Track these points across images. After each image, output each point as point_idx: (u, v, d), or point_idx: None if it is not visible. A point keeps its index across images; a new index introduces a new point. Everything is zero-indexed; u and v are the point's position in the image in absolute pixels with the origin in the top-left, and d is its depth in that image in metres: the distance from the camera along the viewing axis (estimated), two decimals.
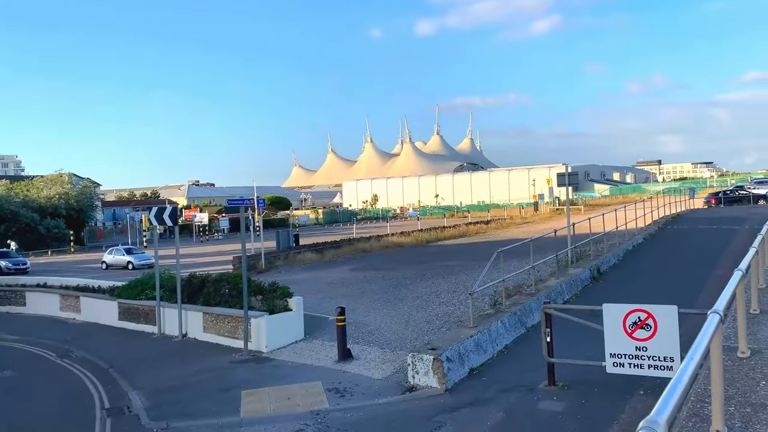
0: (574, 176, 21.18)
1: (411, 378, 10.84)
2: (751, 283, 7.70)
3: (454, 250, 33.36)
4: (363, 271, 26.18)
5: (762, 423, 3.71)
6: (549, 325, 9.82)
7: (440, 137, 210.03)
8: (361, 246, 36.06)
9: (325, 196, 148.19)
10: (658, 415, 2.00)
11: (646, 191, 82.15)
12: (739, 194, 52.79)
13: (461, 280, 20.55)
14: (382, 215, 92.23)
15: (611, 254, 21.26)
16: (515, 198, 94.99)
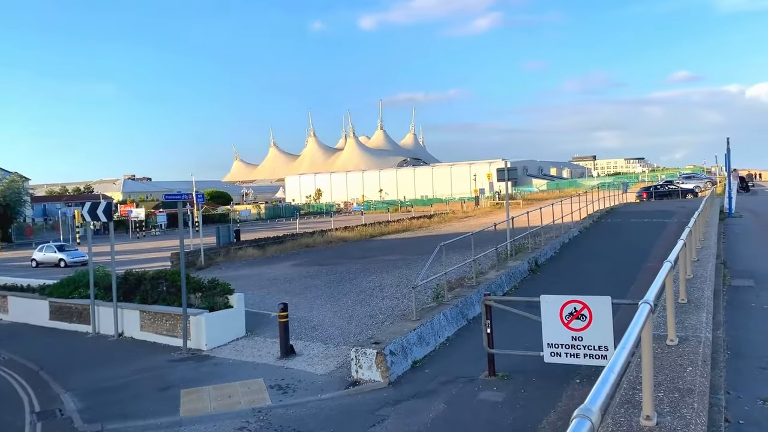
0: (513, 171, 21.62)
1: (354, 372, 10.85)
2: (679, 274, 8.05)
3: (397, 244, 33.53)
4: (306, 266, 25.99)
5: (688, 407, 3.88)
6: (489, 316, 10.00)
7: (384, 132, 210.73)
8: (305, 241, 35.79)
9: (267, 191, 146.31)
10: (591, 403, 2.06)
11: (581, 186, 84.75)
12: (669, 189, 55.15)
13: (405, 274, 20.68)
14: (325, 210, 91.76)
15: (548, 247, 21.83)
16: (457, 192, 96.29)
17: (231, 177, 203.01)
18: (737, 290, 12.40)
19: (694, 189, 54.08)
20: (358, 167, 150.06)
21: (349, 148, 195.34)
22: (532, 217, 24.22)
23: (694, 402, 3.96)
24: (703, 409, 4.00)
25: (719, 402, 5.33)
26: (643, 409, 3.66)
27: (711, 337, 6.48)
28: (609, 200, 44.57)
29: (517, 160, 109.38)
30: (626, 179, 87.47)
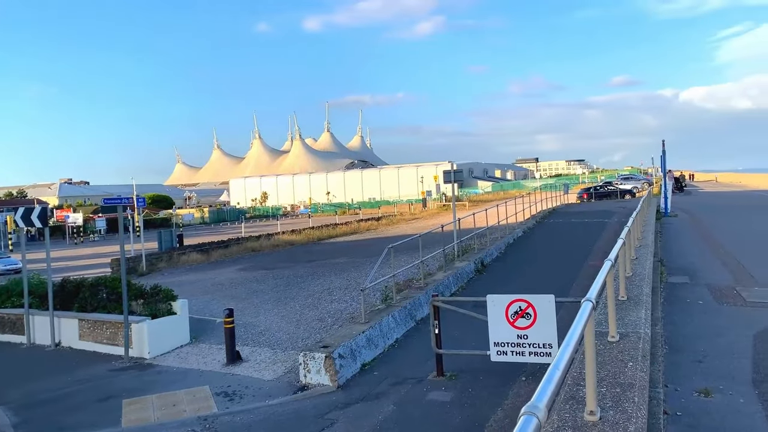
0: (459, 173, 21.90)
1: (303, 377, 10.73)
2: (619, 272, 8.31)
3: (346, 247, 33.44)
4: (252, 270, 25.60)
5: (630, 401, 4.00)
6: (437, 317, 10.06)
7: (331, 134, 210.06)
8: (251, 245, 35.25)
9: (211, 194, 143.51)
10: (538, 400, 2.08)
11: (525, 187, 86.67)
12: (608, 189, 57.01)
13: (353, 276, 20.64)
14: (272, 213, 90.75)
15: (494, 247, 22.20)
16: (405, 195, 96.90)
17: (173, 180, 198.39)
18: (674, 287, 12.91)
19: (632, 190, 56.08)
20: (305, 170, 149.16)
21: (296, 151, 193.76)
22: (478, 219, 24.61)
23: (635, 396, 4.08)
24: (644, 403, 4.12)
25: (658, 395, 5.52)
26: (586, 405, 3.74)
27: (650, 332, 6.71)
28: (551, 201, 45.75)
29: (463, 163, 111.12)
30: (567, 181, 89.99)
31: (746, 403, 6.26)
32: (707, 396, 6.43)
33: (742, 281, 13.22)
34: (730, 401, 6.33)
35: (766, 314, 10.18)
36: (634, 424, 3.60)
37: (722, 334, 9.05)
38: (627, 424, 3.60)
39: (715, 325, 9.57)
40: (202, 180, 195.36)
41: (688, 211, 34.94)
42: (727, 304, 11.11)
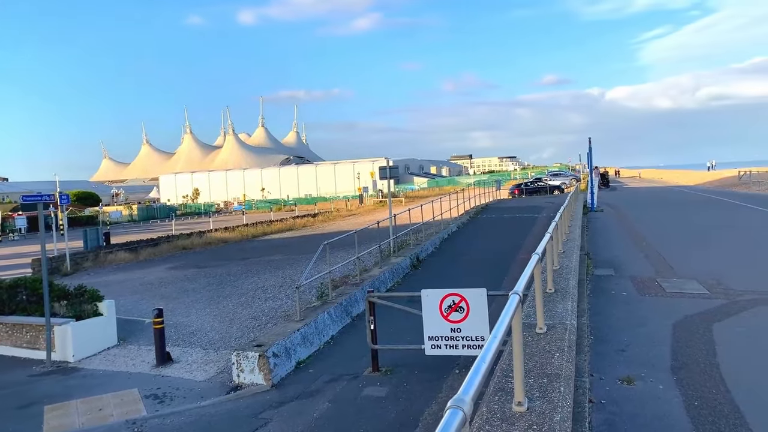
0: (395, 170, 22.02)
1: (236, 377, 10.53)
2: (547, 266, 8.56)
3: (281, 243, 33.04)
4: (183, 269, 24.92)
5: (556, 391, 4.11)
6: (373, 313, 10.09)
7: (265, 130, 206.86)
8: (181, 243, 34.30)
9: (140, 191, 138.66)
10: (464, 394, 2.10)
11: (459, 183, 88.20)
12: (538, 185, 58.76)
13: (288, 274, 20.42)
14: (204, 210, 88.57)
15: (429, 242, 22.45)
16: (341, 191, 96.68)
17: (100, 176, 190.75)
18: (599, 279, 13.41)
19: (560, 185, 58.02)
20: (238, 165, 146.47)
21: (229, 146, 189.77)
22: (413, 214, 24.81)
23: (561, 386, 4.20)
24: (569, 393, 4.25)
25: (584, 384, 5.71)
26: (515, 396, 3.82)
27: (576, 324, 6.94)
28: (484, 197, 46.73)
29: (399, 159, 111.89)
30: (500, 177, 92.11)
31: (665, 389, 6.57)
32: (629, 384, 6.71)
33: (662, 273, 13.87)
34: (651, 388, 6.62)
35: (683, 304, 10.72)
36: (560, 414, 3.70)
37: (644, 323, 9.47)
38: (553, 414, 3.70)
39: (638, 316, 10.00)
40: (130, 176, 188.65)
41: (613, 206, 36.41)
42: (648, 295, 11.64)
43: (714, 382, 6.73)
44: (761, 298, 10.91)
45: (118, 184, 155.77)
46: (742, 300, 10.80)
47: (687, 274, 13.42)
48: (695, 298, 11.18)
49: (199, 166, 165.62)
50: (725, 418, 5.77)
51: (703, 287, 12.03)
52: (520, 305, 3.83)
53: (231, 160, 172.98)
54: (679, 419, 5.77)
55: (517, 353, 3.74)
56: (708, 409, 5.99)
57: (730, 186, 56.95)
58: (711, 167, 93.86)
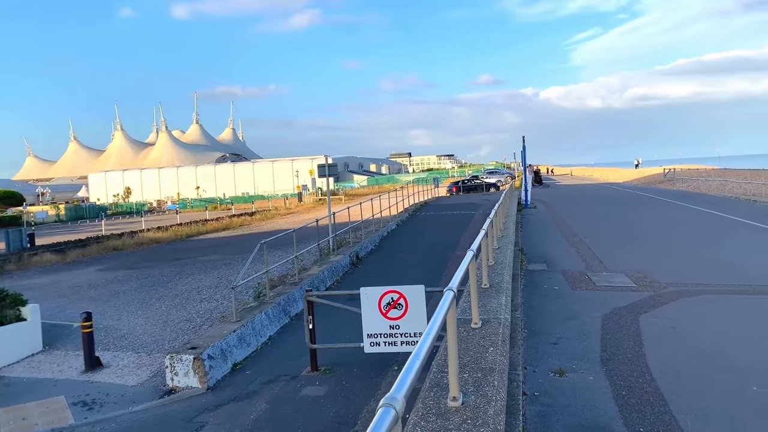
0: (334, 167, 21.91)
1: (170, 381, 10.23)
2: (482, 262, 8.69)
3: (217, 243, 32.36)
4: (114, 271, 24.03)
5: (490, 385, 4.17)
6: (311, 312, 10.01)
7: (200, 126, 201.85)
8: (112, 244, 33.06)
9: (67, 190, 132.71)
10: (396, 392, 2.09)
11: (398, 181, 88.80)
12: (475, 183, 59.79)
13: (224, 274, 20.02)
14: (136, 209, 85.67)
15: (369, 240, 22.48)
16: (280, 189, 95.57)
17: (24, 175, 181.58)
18: (532, 273, 13.76)
19: (496, 183, 59.27)
20: (172, 163, 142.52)
21: (162, 143, 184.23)
22: (353, 212, 24.79)
23: (495, 380, 4.26)
24: (503, 386, 4.32)
25: (518, 377, 5.83)
26: (450, 391, 3.85)
27: (510, 318, 7.08)
28: (423, 194, 47.21)
29: (338, 157, 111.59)
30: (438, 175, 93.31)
31: (595, 380, 6.80)
32: (562, 375, 6.91)
33: (592, 267, 14.37)
34: (582, 379, 6.84)
35: (612, 297, 11.13)
36: (494, 408, 3.76)
37: (575, 316, 9.77)
38: (487, 408, 3.75)
39: (569, 309, 10.31)
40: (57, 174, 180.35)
41: (546, 202, 37.48)
42: (579, 289, 12.03)
43: (640, 372, 7.02)
44: (684, 290, 11.46)
45: (43, 182, 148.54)
46: (667, 292, 11.32)
47: (616, 268, 13.95)
48: (623, 291, 11.63)
49: (130, 163, 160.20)
50: (651, 406, 6.02)
51: (630, 280, 12.53)
52: (455, 301, 3.86)
53: (164, 157, 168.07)
54: (607, 408, 5.98)
55: (451, 349, 3.77)
56: (635, 398, 6.23)
57: (655, 183, 59.64)
58: (638, 165, 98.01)
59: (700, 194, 39.71)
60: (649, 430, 5.47)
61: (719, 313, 9.77)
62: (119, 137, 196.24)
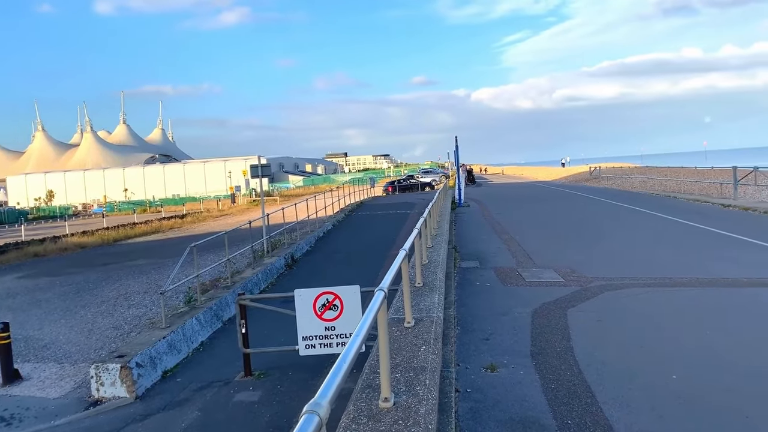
0: (267, 168, 21.59)
1: (95, 391, 9.81)
2: (416, 260, 8.75)
3: (146, 247, 31.31)
4: (35, 278, 22.85)
5: (421, 384, 4.19)
6: (244, 316, 9.81)
7: (127, 127, 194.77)
8: (33, 250, 31.44)
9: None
10: (321, 397, 2.05)
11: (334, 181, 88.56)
12: (411, 183, 60.38)
13: (154, 279, 19.39)
14: (60, 213, 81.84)
15: (304, 241, 22.28)
16: (212, 190, 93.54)
17: None
18: (465, 271, 13.98)
19: (431, 182, 60.03)
20: (98, 165, 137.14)
21: (87, 144, 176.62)
22: (288, 213, 24.50)
23: (427, 379, 4.29)
24: (434, 385, 4.35)
25: (450, 375, 5.90)
26: (381, 392, 3.84)
27: (443, 316, 7.16)
28: (359, 194, 47.26)
29: (273, 157, 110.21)
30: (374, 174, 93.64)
31: (525, 374, 6.96)
32: (493, 371, 7.03)
33: (523, 263, 14.74)
34: (513, 374, 6.99)
35: (541, 292, 11.45)
36: (425, 407, 3.77)
37: (506, 312, 9.99)
38: (418, 407, 3.76)
39: (501, 305, 10.53)
40: None
41: (479, 201, 38.23)
42: (510, 285, 12.31)
43: (568, 365, 7.23)
44: (608, 284, 11.92)
45: None
46: (593, 286, 11.74)
47: (544, 264, 14.36)
48: (552, 286, 11.98)
49: (53, 165, 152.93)
50: (578, 398, 6.21)
51: (558, 275, 12.92)
52: (385, 301, 3.86)
53: (90, 159, 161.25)
54: (537, 402, 6.13)
55: (383, 349, 3.76)
56: (563, 391, 6.41)
57: (582, 181, 61.87)
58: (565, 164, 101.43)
59: (624, 191, 41.47)
60: (577, 422, 5.64)
61: (641, 306, 10.21)
62: (40, 138, 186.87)
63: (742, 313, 9.40)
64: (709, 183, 35.43)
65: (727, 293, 10.76)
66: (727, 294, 10.70)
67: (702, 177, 40.79)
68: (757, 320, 9.00)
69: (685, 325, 8.93)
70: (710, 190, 33.80)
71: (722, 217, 22.53)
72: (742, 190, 30.49)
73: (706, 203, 28.08)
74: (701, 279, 11.99)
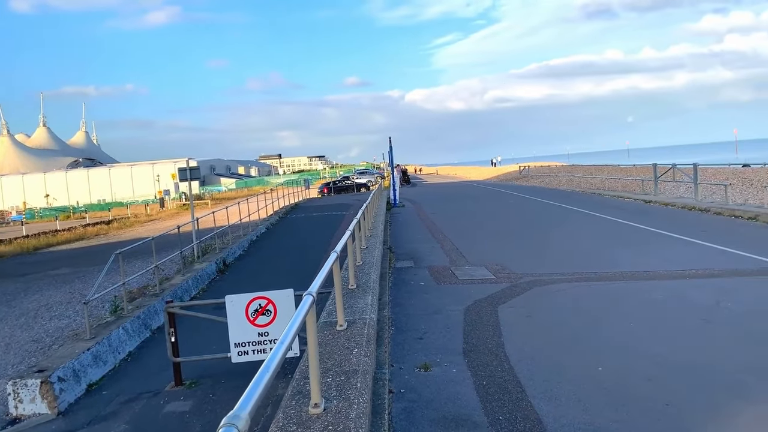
0: (197, 171, 21.06)
1: (13, 409, 9.27)
2: (349, 262, 8.73)
3: (69, 255, 29.94)
4: None
5: (353, 388, 4.16)
6: (173, 324, 9.52)
7: (48, 129, 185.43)
8: None
9: None
10: (240, 410, 1.98)
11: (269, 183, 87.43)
12: (346, 184, 60.32)
13: (78, 288, 18.56)
14: None
15: (237, 246, 21.86)
16: (140, 195, 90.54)
17: None
18: (400, 271, 14.06)
19: (366, 183, 60.17)
20: (16, 169, 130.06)
21: (3, 148, 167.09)
22: (220, 217, 23.99)
23: (358, 382, 4.26)
24: (366, 388, 4.33)
25: (384, 376, 5.90)
26: (311, 398, 3.79)
27: (376, 317, 7.16)
28: (294, 196, 46.84)
29: (204, 160, 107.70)
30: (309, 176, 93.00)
31: (458, 372, 7.05)
32: (427, 370, 7.08)
33: (456, 262, 14.95)
34: (446, 372, 7.06)
35: (473, 289, 11.64)
36: (356, 411, 3.74)
37: (439, 311, 10.09)
38: (349, 411, 3.72)
39: (434, 303, 10.64)
40: None
41: (414, 201, 38.58)
42: (444, 284, 12.45)
43: (499, 361, 7.37)
44: (537, 279, 12.25)
45: None
46: (522, 282, 12.03)
47: (477, 262, 14.62)
48: (483, 283, 12.20)
49: None
50: (509, 393, 6.33)
51: (490, 273, 13.18)
52: (314, 306, 3.81)
53: (6, 164, 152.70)
54: (469, 399, 6.21)
55: (312, 355, 3.71)
56: (494, 387, 6.53)
57: (512, 180, 63.49)
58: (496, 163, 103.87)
59: (552, 189, 42.81)
60: (508, 417, 5.75)
61: (569, 300, 10.54)
62: None
63: (663, 305, 9.85)
64: (632, 180, 37.05)
65: (648, 286, 11.25)
66: (648, 287, 11.19)
67: (625, 174, 42.66)
68: (676, 312, 9.45)
69: (610, 318, 9.28)
70: (633, 187, 35.35)
71: (644, 212, 23.59)
72: (662, 186, 32.05)
73: (629, 199, 29.34)
74: (624, 273, 12.50)
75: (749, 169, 38.74)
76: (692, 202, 24.63)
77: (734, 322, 8.69)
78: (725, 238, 15.88)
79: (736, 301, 9.79)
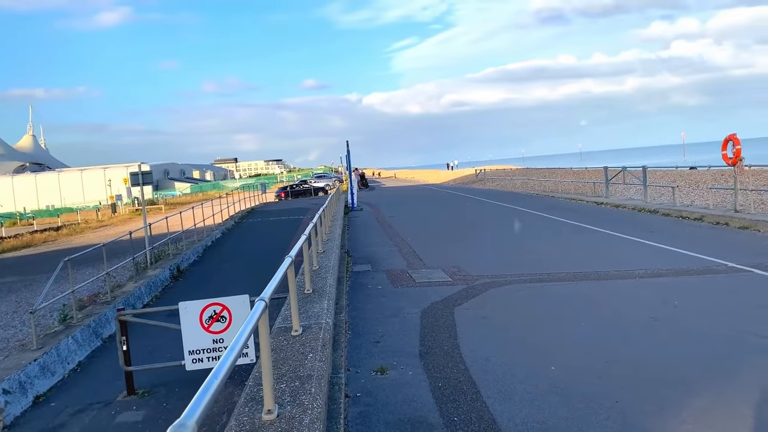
0: (149, 175, 20.60)
1: None
2: (305, 267, 8.69)
3: (15, 263, 28.92)
4: None
5: (307, 393, 4.15)
6: (125, 332, 9.31)
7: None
8: None
9: None
10: (186, 418, 1.96)
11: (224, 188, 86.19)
12: (304, 188, 59.98)
13: (25, 297, 17.92)
14: None
15: (191, 251, 21.50)
16: (91, 200, 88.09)
17: None
18: (358, 275, 14.06)
19: (324, 187, 59.97)
20: None
21: None
22: (174, 222, 23.55)
23: (312, 387, 4.25)
24: (320, 392, 4.32)
25: (340, 380, 5.90)
26: (264, 404, 3.77)
27: (332, 322, 7.15)
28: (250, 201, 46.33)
29: (157, 163, 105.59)
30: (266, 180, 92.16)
31: (414, 374, 7.10)
32: (383, 373, 7.11)
33: (413, 265, 15.04)
34: (402, 375, 7.10)
35: (430, 292, 11.73)
36: (310, 416, 3.74)
37: (396, 314, 10.14)
38: (303, 417, 3.71)
39: (391, 307, 10.68)
40: None
41: (372, 204, 38.64)
42: (401, 287, 12.52)
43: (455, 363, 7.46)
44: (492, 281, 12.43)
45: None
46: (478, 284, 12.19)
47: (433, 264, 14.74)
48: (440, 285, 12.32)
49: None
50: (464, 395, 6.41)
51: (446, 275, 13.30)
52: (266, 311, 3.79)
53: None
54: (425, 401, 6.27)
55: (265, 360, 3.68)
56: (450, 389, 6.60)
57: (469, 183, 64.25)
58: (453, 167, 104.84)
59: (507, 192, 43.50)
60: (463, 418, 5.82)
61: (523, 301, 10.73)
62: None
63: (613, 304, 10.13)
64: (584, 183, 37.95)
65: (599, 286, 11.55)
66: (599, 287, 11.49)
67: (577, 177, 43.64)
68: (626, 310, 9.73)
69: (563, 318, 9.48)
70: (585, 189, 36.20)
71: (595, 214, 24.19)
72: (612, 188, 32.93)
73: (582, 201, 30.04)
74: (576, 273, 12.80)
75: (696, 171, 40.14)
76: (642, 204, 25.40)
77: (680, 320, 9.01)
78: (673, 239, 16.42)
79: (682, 299, 10.14)
